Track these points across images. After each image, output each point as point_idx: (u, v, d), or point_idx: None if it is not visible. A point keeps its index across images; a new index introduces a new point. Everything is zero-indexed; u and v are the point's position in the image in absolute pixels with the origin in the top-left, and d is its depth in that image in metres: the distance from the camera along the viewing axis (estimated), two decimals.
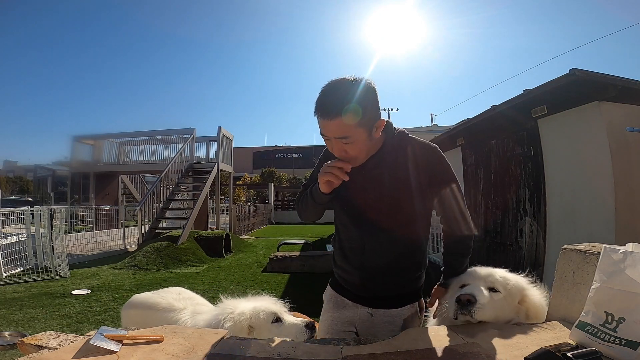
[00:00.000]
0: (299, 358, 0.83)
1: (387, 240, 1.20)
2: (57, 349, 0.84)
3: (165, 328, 1.02)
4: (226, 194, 14.72)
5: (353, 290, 1.29)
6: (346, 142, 1.06)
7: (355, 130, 1.04)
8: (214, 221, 10.81)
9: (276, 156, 45.69)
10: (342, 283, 1.33)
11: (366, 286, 1.26)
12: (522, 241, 3.92)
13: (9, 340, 2.79)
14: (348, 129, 1.03)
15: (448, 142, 5.58)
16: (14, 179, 34.82)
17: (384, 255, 1.20)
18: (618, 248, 0.81)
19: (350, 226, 1.25)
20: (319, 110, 1.05)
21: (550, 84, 3.14)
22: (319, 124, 1.07)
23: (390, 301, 1.25)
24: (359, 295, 1.28)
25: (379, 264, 1.22)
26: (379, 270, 1.23)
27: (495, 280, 1.07)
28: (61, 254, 5.88)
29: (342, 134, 1.04)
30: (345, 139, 1.05)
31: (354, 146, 1.07)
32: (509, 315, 1.04)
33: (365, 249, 1.22)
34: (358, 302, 1.27)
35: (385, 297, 1.25)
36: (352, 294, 1.29)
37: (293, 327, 1.25)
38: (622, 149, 2.91)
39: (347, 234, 1.27)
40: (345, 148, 1.07)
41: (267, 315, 1.25)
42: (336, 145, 1.08)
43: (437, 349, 0.85)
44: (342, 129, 1.03)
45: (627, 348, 0.73)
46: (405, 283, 1.26)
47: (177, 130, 11.04)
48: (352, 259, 1.26)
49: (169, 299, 1.59)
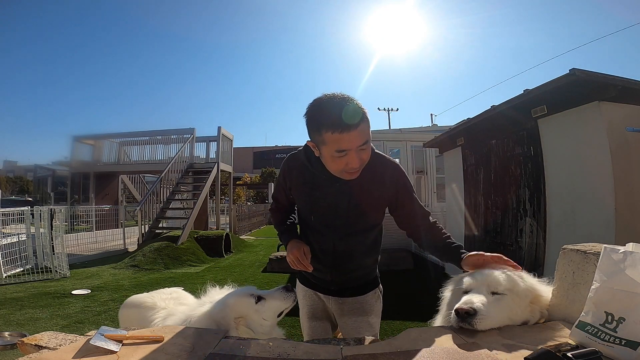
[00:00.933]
0: (299, 358, 0.83)
1: (355, 243, 1.32)
2: (57, 349, 0.84)
3: (165, 328, 1.02)
4: (226, 194, 14.72)
5: (323, 285, 1.43)
6: (365, 148, 1.10)
7: (370, 132, 1.11)
8: (214, 221, 10.81)
9: (276, 156, 45.63)
10: (312, 280, 1.45)
11: (335, 281, 1.39)
12: (522, 241, 3.92)
13: (9, 340, 2.79)
14: (368, 132, 1.10)
15: (448, 142, 5.57)
16: (14, 179, 34.79)
17: (352, 255, 1.34)
18: (618, 248, 0.80)
19: (321, 230, 1.33)
20: (343, 123, 1.03)
21: (550, 84, 3.13)
22: (337, 140, 1.05)
23: (356, 290, 1.41)
24: (329, 289, 1.42)
25: (347, 264, 1.36)
26: (348, 268, 1.37)
27: (498, 283, 1.01)
28: (61, 254, 5.88)
29: (365, 139, 1.09)
30: (366, 143, 1.10)
31: (367, 151, 1.13)
32: (521, 317, 0.99)
33: (335, 251, 1.33)
34: (329, 294, 1.42)
35: (352, 288, 1.41)
36: (322, 288, 1.44)
37: (277, 296, 1.27)
38: (622, 149, 2.91)
39: (316, 237, 1.36)
40: (362, 156, 1.11)
41: (249, 300, 1.25)
42: (354, 156, 1.09)
43: (437, 349, 0.85)
44: (365, 133, 1.08)
45: (627, 348, 0.73)
46: (367, 275, 1.43)
47: (177, 130, 11.05)
48: (323, 260, 1.36)
49: (156, 299, 1.59)
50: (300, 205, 1.37)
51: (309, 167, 1.24)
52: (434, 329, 1.01)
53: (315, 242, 1.36)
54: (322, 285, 1.43)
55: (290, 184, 1.34)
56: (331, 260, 1.34)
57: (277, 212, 1.50)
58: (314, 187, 1.25)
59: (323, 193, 1.24)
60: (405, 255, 6.02)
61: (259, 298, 1.27)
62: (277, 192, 1.45)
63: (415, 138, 7.85)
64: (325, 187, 1.22)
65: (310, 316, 1.48)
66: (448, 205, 5.88)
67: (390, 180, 1.25)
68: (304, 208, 1.34)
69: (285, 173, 1.34)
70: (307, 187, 1.27)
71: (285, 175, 1.34)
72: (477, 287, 1.03)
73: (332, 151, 1.08)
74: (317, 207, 1.28)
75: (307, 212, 1.32)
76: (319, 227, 1.31)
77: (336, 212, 1.25)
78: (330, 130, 1.05)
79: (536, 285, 1.06)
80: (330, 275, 1.38)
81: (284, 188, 1.39)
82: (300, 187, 1.30)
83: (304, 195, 1.30)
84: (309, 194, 1.27)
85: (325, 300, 1.45)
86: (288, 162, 1.33)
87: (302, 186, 1.29)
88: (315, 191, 1.25)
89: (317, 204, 1.27)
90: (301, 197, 1.32)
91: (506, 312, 0.98)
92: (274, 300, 1.28)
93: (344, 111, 1.04)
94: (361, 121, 1.05)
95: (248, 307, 1.23)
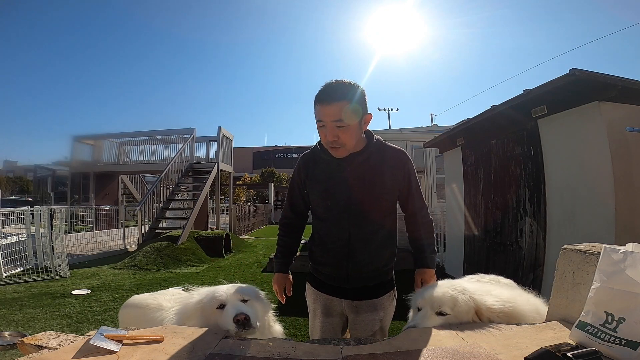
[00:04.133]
0: (299, 358, 0.83)
1: (371, 231, 1.35)
2: (57, 349, 0.84)
3: (165, 328, 1.02)
4: (226, 194, 14.72)
5: (336, 284, 1.42)
6: (341, 126, 1.23)
7: (350, 115, 1.23)
8: (214, 221, 10.81)
9: (276, 156, 45.67)
10: (324, 280, 1.45)
11: (350, 278, 1.39)
12: (522, 241, 3.92)
13: (9, 340, 2.79)
14: (344, 112, 1.22)
15: (448, 142, 5.57)
16: (14, 179, 34.77)
17: (368, 244, 1.36)
18: (618, 248, 0.80)
19: (337, 217, 1.36)
20: (321, 97, 1.24)
21: (550, 84, 3.13)
22: (317, 111, 1.26)
23: (372, 291, 1.41)
24: (343, 288, 1.41)
25: (363, 254, 1.36)
26: (364, 260, 1.37)
27: (442, 304, 1.06)
28: (61, 254, 5.88)
29: (338, 117, 1.22)
30: (340, 121, 1.23)
31: (346, 132, 1.25)
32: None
33: (350, 241, 1.35)
34: (342, 296, 1.41)
35: (367, 288, 1.40)
36: (335, 289, 1.43)
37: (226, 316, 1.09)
38: (622, 149, 2.91)
39: (328, 230, 1.39)
40: (338, 133, 1.25)
41: (212, 301, 1.15)
42: (330, 131, 1.25)
43: (437, 349, 0.85)
44: (340, 112, 1.22)
45: (627, 348, 0.73)
46: (383, 273, 1.43)
47: (177, 130, 11.05)
48: (336, 253, 1.38)
49: (160, 300, 1.59)
50: (316, 195, 1.41)
51: (323, 155, 1.37)
52: (434, 329, 1.01)
53: (330, 234, 1.39)
54: (336, 285, 1.42)
55: (304, 176, 1.44)
56: (346, 251, 1.36)
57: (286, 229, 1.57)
58: (330, 174, 1.36)
59: (338, 177, 1.34)
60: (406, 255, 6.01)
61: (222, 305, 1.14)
62: (292, 192, 1.52)
63: (415, 138, 7.86)
64: (339, 171, 1.34)
65: (320, 314, 1.46)
66: (448, 205, 5.88)
67: (399, 164, 1.37)
68: (320, 196, 1.39)
69: (300, 167, 1.46)
70: (324, 175, 1.38)
71: (300, 170, 1.46)
72: (424, 306, 1.10)
73: (316, 121, 1.28)
74: (333, 192, 1.36)
75: (324, 199, 1.38)
76: (335, 213, 1.36)
77: (351, 195, 1.33)
78: (315, 101, 1.26)
79: (481, 301, 1.06)
80: (346, 270, 1.37)
81: (298, 183, 1.48)
82: (316, 176, 1.40)
83: (321, 182, 1.39)
84: (325, 180, 1.37)
85: (338, 303, 1.43)
86: (303, 158, 1.47)
87: (318, 175, 1.40)
88: (331, 177, 1.36)
89: (333, 188, 1.35)
90: (318, 185, 1.40)
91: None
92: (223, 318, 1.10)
93: (327, 87, 1.24)
94: (340, 100, 1.21)
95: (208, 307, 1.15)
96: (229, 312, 1.09)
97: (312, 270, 1.52)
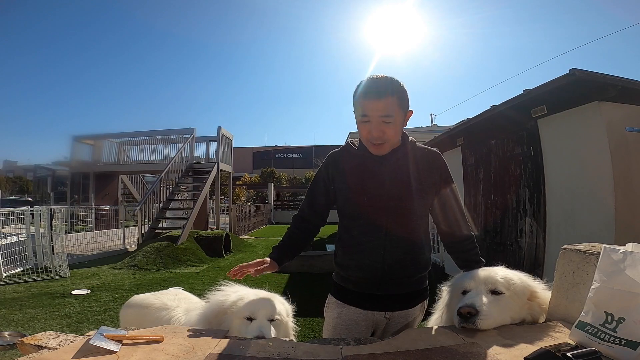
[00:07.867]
0: (299, 358, 0.83)
1: (408, 230, 1.28)
2: (57, 349, 0.84)
3: (165, 328, 1.02)
4: (226, 194, 14.72)
5: (367, 291, 1.30)
6: (388, 121, 1.21)
7: (398, 111, 1.22)
8: (213, 221, 10.81)
9: (276, 156, 45.68)
10: (352, 288, 1.32)
11: (383, 283, 1.28)
12: (522, 241, 3.92)
13: (9, 340, 2.79)
14: (394, 108, 1.21)
15: (448, 142, 5.57)
16: (14, 179, 34.77)
17: (405, 244, 1.28)
18: (618, 248, 0.80)
19: (373, 215, 1.28)
20: (368, 92, 1.21)
21: (550, 84, 3.13)
22: (364, 106, 1.22)
23: (404, 301, 1.32)
24: (374, 295, 1.29)
25: (399, 254, 1.27)
26: (399, 262, 1.28)
27: (496, 282, 1.03)
28: (61, 254, 5.88)
29: (388, 112, 1.20)
30: (389, 117, 1.21)
31: (392, 127, 1.23)
32: (520, 315, 1.01)
33: (387, 240, 1.27)
34: (373, 309, 1.30)
35: (400, 296, 1.31)
36: (364, 300, 1.30)
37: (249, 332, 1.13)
38: (622, 149, 2.91)
39: (363, 228, 1.29)
40: (384, 129, 1.22)
41: (242, 311, 1.18)
42: (376, 126, 1.22)
43: (437, 349, 0.85)
44: (389, 107, 1.20)
45: (627, 348, 0.73)
46: (417, 281, 1.33)
47: (177, 130, 11.03)
48: (370, 253, 1.28)
49: (163, 300, 1.59)
50: (349, 190, 1.31)
51: (357, 151, 1.34)
52: (434, 328, 1.01)
53: (365, 232, 1.29)
54: (367, 292, 1.30)
55: (334, 171, 1.37)
56: (382, 251, 1.26)
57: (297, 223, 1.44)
58: (366, 168, 1.32)
59: (375, 172, 1.30)
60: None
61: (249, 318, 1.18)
62: (315, 187, 1.41)
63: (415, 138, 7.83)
64: (375, 166, 1.30)
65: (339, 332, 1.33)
66: None
67: (437, 164, 1.35)
68: (355, 191, 1.30)
69: (329, 163, 1.39)
70: (359, 169, 1.32)
71: (329, 165, 1.39)
72: (475, 286, 1.05)
73: (359, 116, 1.25)
74: (370, 186, 1.30)
75: (359, 194, 1.29)
76: (371, 210, 1.28)
77: (390, 189, 1.28)
78: (360, 96, 1.23)
79: (532, 283, 1.08)
80: (381, 272, 1.27)
81: (325, 179, 1.38)
82: (350, 170, 1.34)
83: (355, 175, 1.32)
84: (361, 174, 1.32)
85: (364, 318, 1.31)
86: (332, 154, 1.41)
87: (353, 169, 1.33)
88: (367, 171, 1.31)
89: (370, 183, 1.30)
90: (351, 179, 1.32)
91: (506, 311, 1.00)
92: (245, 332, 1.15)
93: (373, 82, 1.22)
94: (387, 96, 1.19)
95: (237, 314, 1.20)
96: (253, 330, 1.13)
97: (336, 279, 1.38)
